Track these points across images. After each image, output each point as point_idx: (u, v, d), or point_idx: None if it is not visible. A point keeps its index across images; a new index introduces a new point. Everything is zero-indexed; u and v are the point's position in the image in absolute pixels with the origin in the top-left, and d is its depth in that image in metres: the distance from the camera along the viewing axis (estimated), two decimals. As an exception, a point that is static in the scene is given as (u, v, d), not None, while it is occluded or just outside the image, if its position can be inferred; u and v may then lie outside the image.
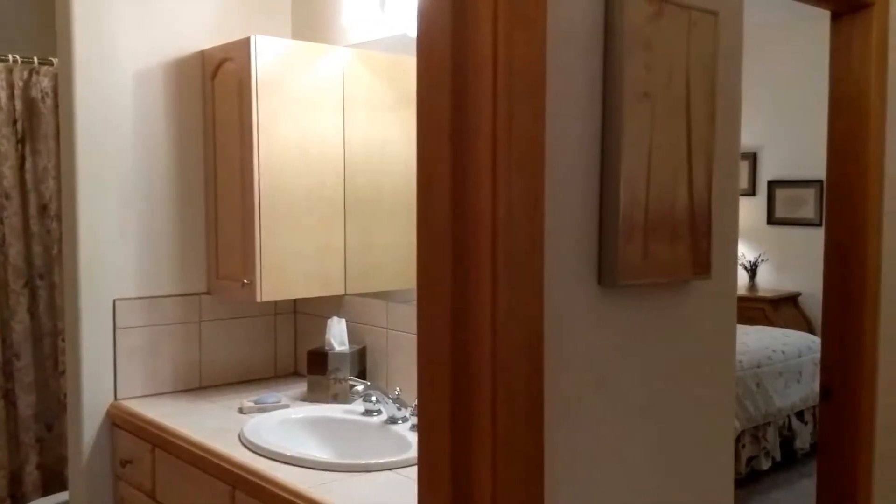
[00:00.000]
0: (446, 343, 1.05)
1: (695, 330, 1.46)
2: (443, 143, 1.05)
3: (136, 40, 2.78)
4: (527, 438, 1.09)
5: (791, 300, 6.44)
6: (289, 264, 2.78)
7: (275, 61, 2.72)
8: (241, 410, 2.65)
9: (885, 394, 2.88)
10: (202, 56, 2.92)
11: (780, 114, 6.49)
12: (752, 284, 6.67)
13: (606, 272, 1.26)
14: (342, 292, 2.92)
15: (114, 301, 2.78)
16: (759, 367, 4.95)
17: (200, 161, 2.94)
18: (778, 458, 5.03)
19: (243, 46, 2.70)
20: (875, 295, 2.85)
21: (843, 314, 2.89)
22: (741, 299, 6.50)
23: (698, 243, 1.36)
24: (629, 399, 1.38)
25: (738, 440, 4.71)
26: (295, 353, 3.20)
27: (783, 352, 5.13)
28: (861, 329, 2.84)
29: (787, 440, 5.12)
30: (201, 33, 2.92)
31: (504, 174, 1.03)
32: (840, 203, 2.90)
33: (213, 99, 2.89)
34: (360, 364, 2.82)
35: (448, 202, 1.05)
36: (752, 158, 6.84)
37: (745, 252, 6.83)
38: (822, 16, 2.97)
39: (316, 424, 2.57)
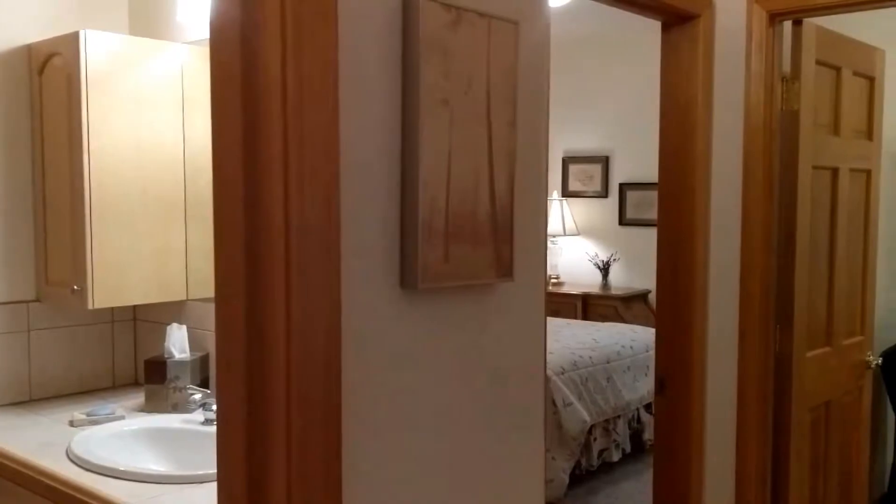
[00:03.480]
0: (241, 350, 1.03)
1: (499, 331, 1.50)
2: (235, 148, 1.04)
3: (-48, 32, 2.60)
4: (324, 445, 1.09)
5: (641, 297, 6.73)
6: (124, 269, 2.66)
7: (107, 57, 2.60)
8: (71, 423, 2.52)
9: (714, 384, 3.05)
10: (28, 50, 2.76)
11: (630, 119, 6.76)
12: (605, 283, 6.92)
13: (408, 275, 1.28)
14: (183, 297, 2.82)
15: (-71, 311, 2.59)
16: (608, 362, 5.14)
17: (28, 160, 2.78)
18: (628, 450, 5.24)
19: (72, 41, 2.57)
20: (703, 291, 3.01)
21: (674, 310, 3.03)
22: (594, 297, 6.77)
23: (501, 247, 1.40)
24: (433, 400, 1.39)
25: (589, 433, 4.87)
26: (135, 362, 3.08)
27: (631, 347, 5.35)
28: (690, 323, 2.99)
29: (636, 432, 5.34)
30: (29, 26, 2.77)
31: (296, 180, 1.02)
32: (671, 205, 3.05)
33: (40, 96, 2.74)
34: (203, 372, 2.74)
35: (241, 207, 1.04)
36: (605, 162, 7.11)
37: (598, 252, 7.09)
38: (661, 25, 3.10)
39: (152, 436, 2.48)
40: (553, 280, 7.13)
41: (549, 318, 6.06)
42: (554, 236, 7.11)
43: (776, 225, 2.97)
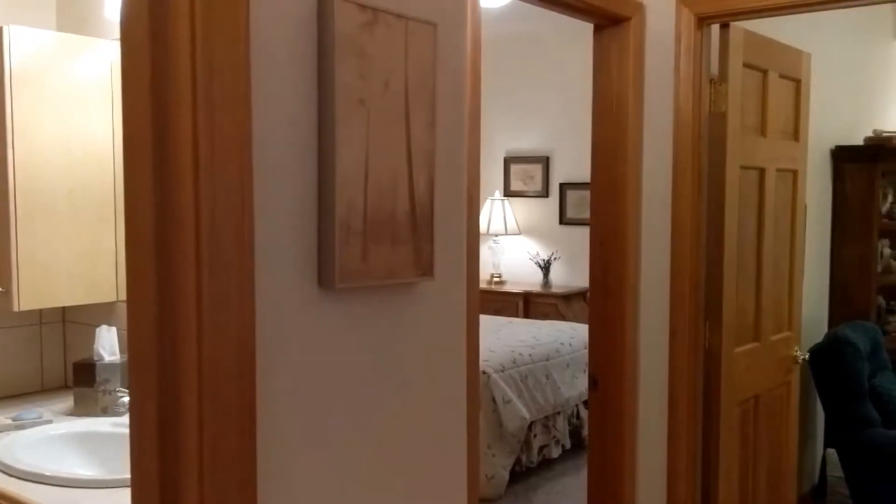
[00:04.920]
0: (152, 352, 1.03)
1: (419, 330, 1.51)
2: (145, 146, 1.03)
3: None
4: (238, 448, 1.08)
5: (581, 295, 6.81)
6: (52, 270, 2.61)
7: (33, 54, 2.55)
8: (-4, 428, 2.46)
9: (646, 380, 3.11)
10: (-51, 46, 2.68)
11: (570, 119, 6.84)
12: (546, 281, 6.99)
13: (325, 275, 1.28)
14: (114, 298, 2.78)
15: None
16: (548, 359, 5.20)
17: (-51, 160, 2.70)
18: (568, 446, 5.30)
19: (-6, 37, 2.51)
20: (634, 289, 3.07)
21: (606, 308, 3.09)
22: (536, 295, 6.84)
23: (421, 246, 1.41)
24: (352, 401, 1.40)
25: (529, 430, 4.92)
26: (65, 364, 3.01)
27: (570, 344, 5.42)
28: (622, 321, 3.05)
29: (575, 428, 5.40)
30: (-50, 21, 2.68)
31: (207, 180, 1.02)
32: (603, 204, 3.10)
33: (-38, 93, 2.66)
34: (134, 373, 2.70)
35: (151, 206, 1.03)
36: (545, 162, 7.18)
37: (540, 251, 7.16)
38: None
39: (80, 440, 2.43)
40: (495, 279, 7.18)
41: (490, 317, 6.11)
42: (496, 235, 7.17)
43: (705, 224, 3.04)
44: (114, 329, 2.71)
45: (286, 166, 1.23)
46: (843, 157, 4.67)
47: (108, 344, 2.68)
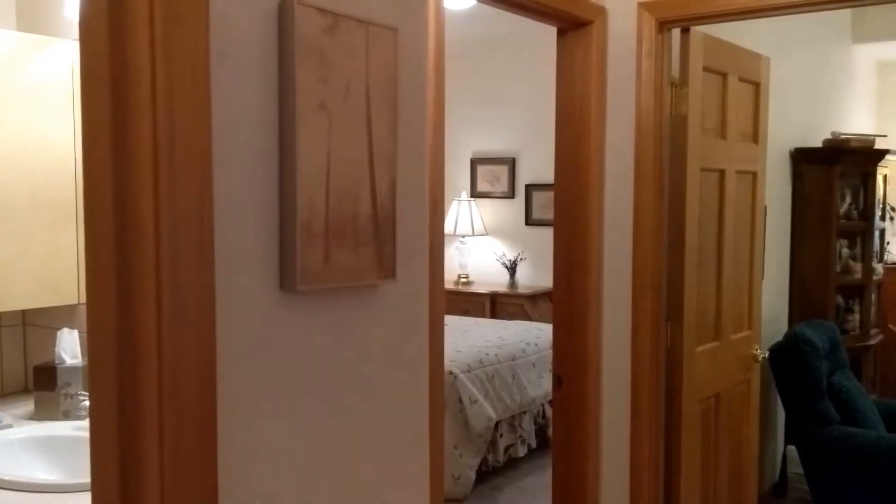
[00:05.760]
0: (112, 356, 1.03)
1: (382, 331, 1.52)
2: (104, 147, 1.03)
3: None
4: (199, 453, 1.09)
5: (547, 295, 6.85)
6: (12, 272, 2.58)
7: (-9, 54, 2.52)
8: (-47, 433, 2.43)
9: (609, 379, 3.15)
10: None
11: (536, 121, 6.88)
12: (513, 282, 7.03)
13: (287, 277, 1.29)
14: (75, 301, 2.75)
15: None
16: (514, 359, 5.23)
17: None
18: (534, 445, 5.34)
19: (-49, 37, 2.48)
20: (597, 289, 3.11)
21: (570, 308, 3.12)
22: (502, 296, 6.87)
23: (383, 248, 1.42)
24: (314, 403, 1.40)
25: (496, 429, 4.95)
26: (25, 368, 2.97)
27: (536, 344, 5.45)
28: (585, 321, 3.08)
29: (541, 427, 5.44)
30: None
31: (167, 182, 1.02)
32: (567, 205, 3.14)
33: (-81, 94, 2.62)
34: (96, 376, 2.67)
35: (110, 209, 1.03)
36: (511, 164, 7.22)
37: (506, 251, 7.20)
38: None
39: (41, 444, 2.40)
40: (462, 280, 7.21)
41: (458, 317, 6.13)
42: (463, 236, 7.19)
43: (666, 225, 3.09)
44: (75, 332, 2.68)
45: (247, 169, 1.24)
46: (802, 158, 4.76)
47: (70, 347, 2.65)
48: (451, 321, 6.11)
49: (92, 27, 1.02)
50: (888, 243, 6.02)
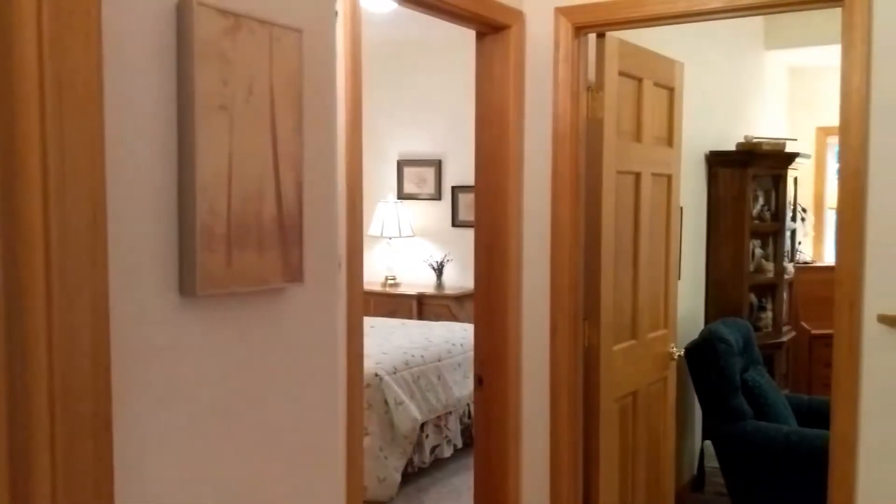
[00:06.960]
0: (1, 369, 0.99)
1: (290, 335, 1.51)
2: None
3: None
4: (94, 465, 1.06)
5: (473, 296, 6.90)
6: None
7: None
8: None
9: (529, 378, 3.20)
10: None
11: (461, 123, 6.88)
12: (439, 283, 7.06)
13: (186, 282, 1.27)
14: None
15: None
16: (440, 360, 5.25)
17: None
18: (459, 445, 5.36)
19: None
20: (517, 289, 3.15)
21: (490, 308, 3.16)
22: (429, 297, 6.89)
23: (289, 251, 1.42)
24: (218, 409, 1.38)
25: (421, 430, 4.96)
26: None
27: (462, 344, 5.48)
28: (505, 321, 3.12)
29: (467, 427, 5.47)
30: None
31: (56, 188, 1.00)
32: (487, 207, 3.17)
33: None
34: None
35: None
36: (438, 165, 7.25)
37: (433, 253, 7.22)
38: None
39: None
40: (389, 281, 7.20)
41: (384, 319, 6.11)
42: (390, 238, 7.19)
43: (583, 226, 3.15)
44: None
45: (143, 172, 1.22)
46: (716, 161, 4.90)
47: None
48: (377, 323, 6.11)
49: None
50: (799, 243, 6.24)
